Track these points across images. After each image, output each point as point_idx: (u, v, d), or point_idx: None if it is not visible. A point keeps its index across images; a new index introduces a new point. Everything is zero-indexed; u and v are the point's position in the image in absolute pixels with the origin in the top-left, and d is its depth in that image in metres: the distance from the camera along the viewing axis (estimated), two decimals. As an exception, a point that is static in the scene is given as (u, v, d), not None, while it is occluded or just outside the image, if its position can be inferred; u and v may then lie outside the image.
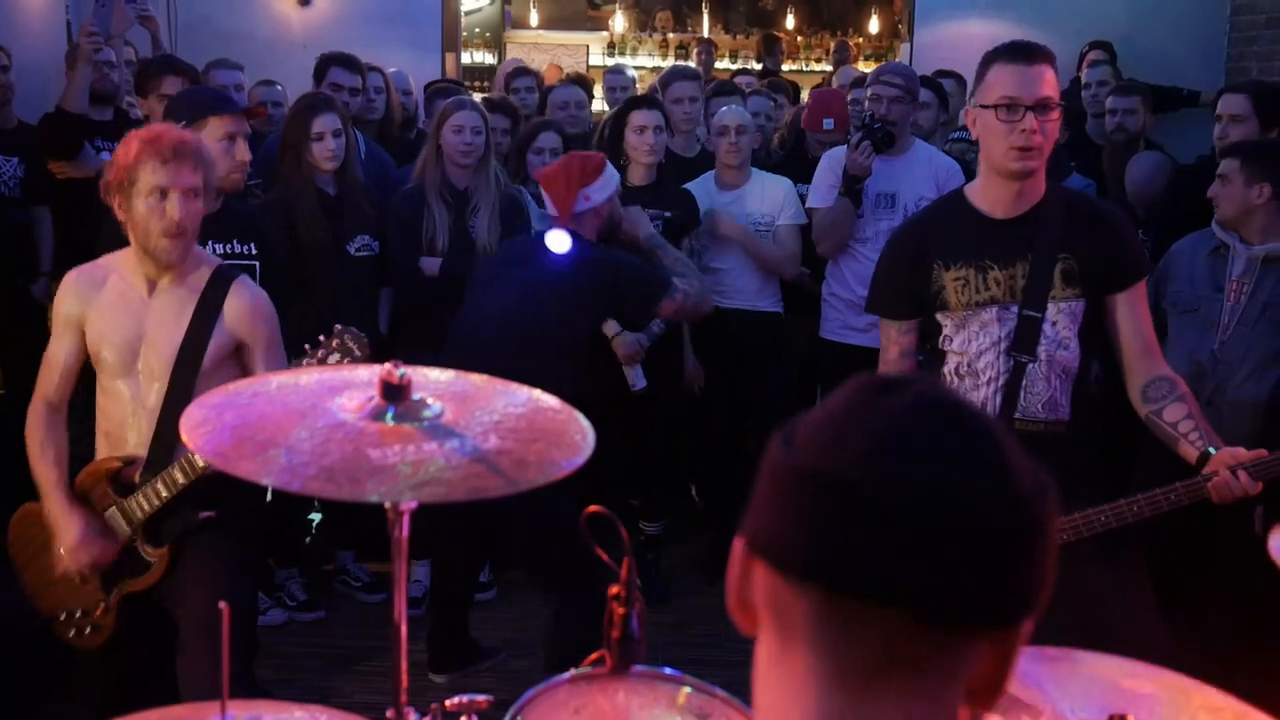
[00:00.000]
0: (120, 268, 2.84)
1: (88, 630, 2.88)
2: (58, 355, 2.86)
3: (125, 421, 2.82)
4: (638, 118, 4.42)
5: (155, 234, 2.72)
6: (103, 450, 2.88)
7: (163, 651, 2.88)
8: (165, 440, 2.74)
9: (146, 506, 2.77)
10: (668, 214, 4.33)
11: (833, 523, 0.82)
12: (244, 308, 2.83)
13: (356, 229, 4.17)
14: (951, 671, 0.84)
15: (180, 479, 2.70)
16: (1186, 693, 1.38)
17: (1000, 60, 2.59)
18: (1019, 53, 2.58)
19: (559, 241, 3.41)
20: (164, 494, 2.73)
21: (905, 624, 0.82)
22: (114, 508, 2.81)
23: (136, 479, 2.79)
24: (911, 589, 0.80)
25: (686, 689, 1.61)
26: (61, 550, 2.79)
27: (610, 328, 4.27)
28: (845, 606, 0.82)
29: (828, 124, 5.04)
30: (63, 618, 2.90)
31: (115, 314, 2.80)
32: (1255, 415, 3.52)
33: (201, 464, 2.65)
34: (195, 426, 1.45)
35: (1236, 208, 3.56)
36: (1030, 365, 2.65)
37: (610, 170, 3.60)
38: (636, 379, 4.34)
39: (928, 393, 0.86)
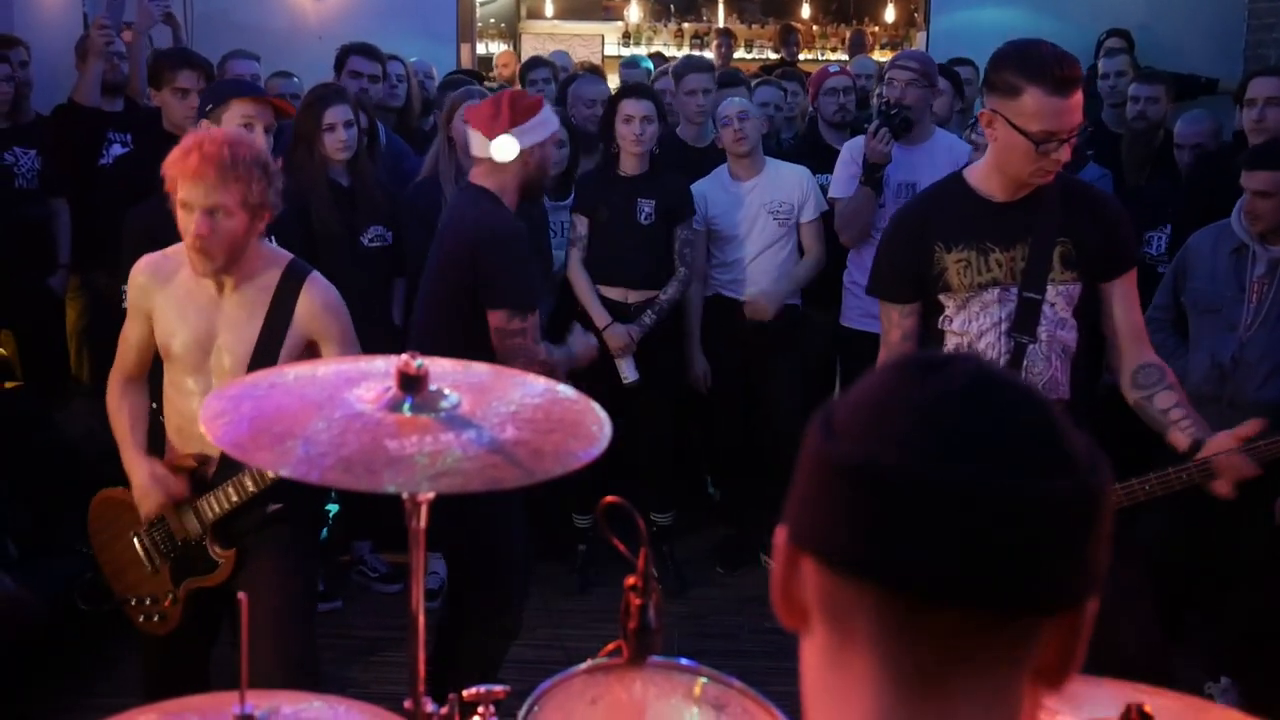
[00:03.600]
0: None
1: (155, 618, 2.91)
2: (131, 336, 2.87)
3: (196, 418, 2.81)
4: (627, 107, 4.34)
5: (186, 245, 2.69)
6: (174, 444, 2.88)
7: (210, 645, 2.97)
8: None
9: (218, 508, 2.78)
10: (654, 200, 4.35)
11: (886, 518, 0.77)
12: (315, 306, 2.78)
13: (369, 220, 4.17)
14: (1019, 660, 0.80)
15: (250, 486, 2.72)
16: (1206, 709, 1.37)
17: (1041, 88, 2.47)
18: (1061, 85, 2.47)
19: (504, 149, 3.14)
20: (234, 498, 2.75)
21: (971, 617, 0.77)
22: (187, 505, 2.83)
23: (211, 475, 2.80)
24: (977, 582, 0.76)
25: (703, 680, 1.61)
26: (135, 497, 2.82)
27: (601, 319, 4.26)
28: (907, 605, 0.78)
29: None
30: (134, 602, 2.93)
31: (185, 310, 2.77)
32: (1276, 417, 3.48)
33: (272, 474, 2.64)
34: (214, 417, 1.45)
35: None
36: (1031, 346, 2.67)
37: (545, 115, 3.25)
38: (629, 371, 4.30)
39: (974, 370, 0.81)
